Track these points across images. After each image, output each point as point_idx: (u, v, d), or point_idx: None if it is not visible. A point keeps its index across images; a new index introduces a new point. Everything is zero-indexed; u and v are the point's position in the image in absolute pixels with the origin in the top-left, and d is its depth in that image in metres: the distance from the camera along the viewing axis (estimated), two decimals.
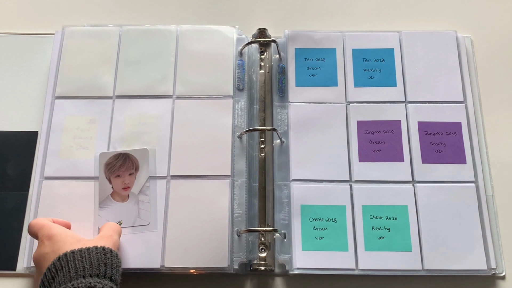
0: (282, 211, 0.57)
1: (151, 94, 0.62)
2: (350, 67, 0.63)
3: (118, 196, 0.57)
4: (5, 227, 0.57)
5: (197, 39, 0.64)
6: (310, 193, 0.57)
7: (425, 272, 0.54)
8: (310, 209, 0.57)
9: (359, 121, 0.60)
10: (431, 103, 0.61)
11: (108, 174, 0.57)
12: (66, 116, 0.61)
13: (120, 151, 0.58)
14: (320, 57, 0.64)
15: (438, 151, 0.59)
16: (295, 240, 0.55)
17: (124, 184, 0.57)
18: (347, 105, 0.61)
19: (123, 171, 0.57)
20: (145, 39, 0.64)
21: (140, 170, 0.57)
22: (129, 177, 0.57)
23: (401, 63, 0.63)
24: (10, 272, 0.56)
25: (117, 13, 0.70)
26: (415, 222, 0.56)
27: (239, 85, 0.62)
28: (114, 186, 0.57)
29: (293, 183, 0.58)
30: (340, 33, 0.65)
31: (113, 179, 0.57)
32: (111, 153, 0.58)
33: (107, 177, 0.57)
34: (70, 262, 0.44)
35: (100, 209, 0.56)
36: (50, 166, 0.58)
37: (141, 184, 0.57)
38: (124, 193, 0.57)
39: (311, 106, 0.61)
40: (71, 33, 0.65)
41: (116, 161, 0.58)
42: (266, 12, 0.70)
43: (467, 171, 0.58)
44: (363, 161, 0.59)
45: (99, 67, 0.63)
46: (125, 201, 0.56)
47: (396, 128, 0.60)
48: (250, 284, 0.56)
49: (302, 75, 0.63)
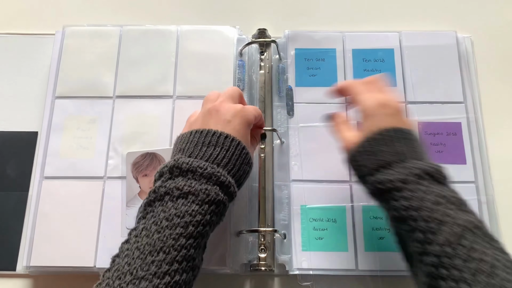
0: (282, 212, 0.57)
1: (152, 94, 0.62)
2: (350, 67, 0.63)
3: (145, 195, 0.56)
4: (5, 227, 0.57)
5: (198, 39, 0.64)
6: (310, 193, 0.57)
7: None
8: (310, 209, 0.57)
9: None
10: (431, 103, 0.61)
11: (135, 173, 0.58)
12: (67, 116, 0.61)
13: (147, 151, 0.58)
14: (320, 58, 0.64)
15: (438, 152, 0.59)
16: (295, 240, 0.55)
17: (152, 183, 0.56)
18: (347, 105, 0.61)
19: (151, 170, 0.57)
20: (145, 39, 0.64)
21: None
22: None
23: (401, 64, 0.63)
24: (10, 273, 0.56)
25: (118, 13, 0.70)
26: None
27: (239, 85, 0.62)
28: (141, 185, 0.57)
29: (293, 184, 0.58)
30: (340, 33, 0.65)
31: (141, 178, 0.57)
32: (138, 153, 0.58)
33: (134, 176, 0.58)
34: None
35: (127, 208, 0.56)
36: (50, 165, 0.58)
37: None
38: None
39: (311, 106, 0.61)
40: (72, 33, 0.65)
41: (143, 160, 0.58)
42: (266, 12, 0.70)
43: (467, 172, 0.58)
44: None
45: (99, 67, 0.63)
46: None
47: None
48: (250, 285, 0.56)
49: (302, 75, 0.63)
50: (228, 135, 0.45)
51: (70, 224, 0.56)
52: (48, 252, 0.54)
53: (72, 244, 0.55)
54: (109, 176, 0.58)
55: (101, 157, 0.59)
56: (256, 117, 0.49)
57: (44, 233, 0.55)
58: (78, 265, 0.54)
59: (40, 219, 0.56)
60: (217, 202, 0.42)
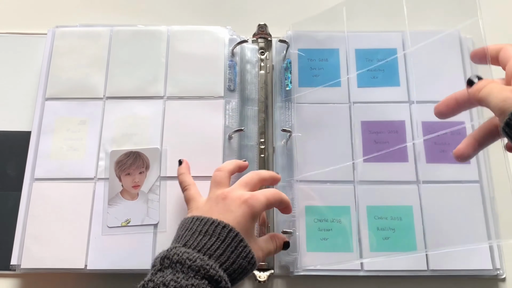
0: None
1: (142, 95, 0.61)
2: (353, 67, 0.63)
3: (127, 194, 0.57)
4: (4, 227, 0.57)
5: (188, 39, 0.64)
6: (315, 194, 0.57)
7: (430, 273, 0.54)
8: (315, 210, 0.56)
9: (363, 121, 0.60)
10: (435, 102, 0.61)
11: (118, 172, 0.57)
12: (57, 118, 0.60)
13: (131, 150, 0.58)
14: (323, 58, 0.64)
15: (442, 151, 0.59)
16: (300, 241, 0.55)
17: (134, 182, 0.57)
18: (351, 105, 0.61)
19: (134, 169, 0.57)
20: (135, 40, 0.64)
21: (151, 169, 0.57)
22: (139, 176, 0.57)
23: (404, 63, 0.63)
24: (8, 272, 0.56)
25: (110, 13, 0.70)
26: (420, 222, 0.55)
27: (230, 86, 0.61)
28: (124, 184, 0.57)
29: (297, 184, 0.58)
30: (343, 33, 0.65)
31: (123, 177, 0.57)
32: (122, 151, 0.58)
33: (117, 175, 0.57)
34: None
35: (109, 206, 0.56)
36: (40, 167, 0.58)
37: (151, 183, 0.57)
38: (134, 191, 0.57)
39: (314, 106, 0.61)
40: (61, 34, 0.64)
41: (127, 159, 0.58)
42: (266, 13, 0.70)
43: (471, 171, 0.58)
44: (368, 161, 0.58)
45: (89, 68, 0.63)
46: (135, 199, 0.56)
47: (400, 128, 0.60)
48: (250, 285, 0.55)
49: (305, 75, 0.63)
50: (227, 225, 0.43)
51: (61, 226, 0.55)
52: (38, 254, 0.54)
53: (62, 245, 0.55)
54: (100, 178, 0.58)
55: (92, 159, 0.59)
56: (268, 204, 0.47)
57: (34, 235, 0.55)
58: (69, 267, 0.54)
59: (30, 221, 0.56)
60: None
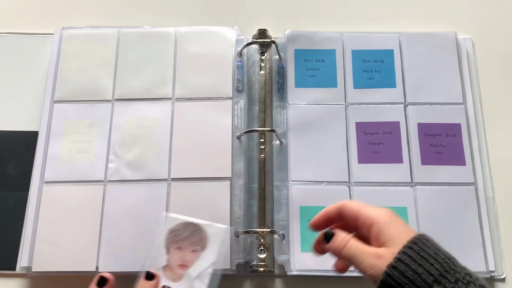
0: (281, 212, 0.57)
1: (151, 96, 0.61)
2: (350, 68, 0.63)
3: (171, 272, 0.48)
4: (5, 227, 0.57)
5: (196, 40, 0.64)
6: (309, 194, 0.57)
7: None
8: (309, 210, 0.56)
9: (358, 122, 0.60)
10: (431, 104, 0.61)
11: (169, 242, 0.49)
12: (66, 121, 0.60)
13: (192, 221, 0.50)
14: (320, 58, 0.64)
15: (438, 153, 0.59)
16: (294, 241, 0.55)
17: (183, 260, 0.48)
18: (347, 106, 0.61)
19: (187, 245, 0.49)
20: (143, 41, 0.64)
21: (207, 250, 0.49)
22: (190, 254, 0.49)
23: (400, 65, 0.63)
24: (10, 272, 0.56)
25: (117, 13, 0.70)
26: (414, 224, 0.55)
27: (238, 86, 0.62)
28: (170, 258, 0.48)
29: (292, 184, 0.58)
30: (340, 34, 0.65)
31: (173, 250, 0.49)
32: (180, 219, 0.50)
33: (167, 244, 0.49)
34: None
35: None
36: (50, 170, 0.58)
37: (203, 268, 0.48)
38: (180, 271, 0.48)
39: (310, 107, 0.61)
40: (69, 36, 0.65)
41: (184, 229, 0.50)
42: (266, 13, 0.70)
43: (466, 173, 0.58)
44: (362, 162, 0.58)
45: (97, 71, 0.63)
46: (177, 281, 0.47)
47: (395, 129, 0.60)
48: (249, 285, 0.56)
49: (302, 76, 0.63)
50: None
51: (72, 229, 0.55)
52: (50, 257, 0.54)
53: (73, 248, 0.55)
54: (110, 180, 0.58)
55: (101, 161, 0.59)
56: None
57: (45, 238, 0.55)
58: (80, 270, 0.54)
59: (41, 224, 0.56)
60: None
